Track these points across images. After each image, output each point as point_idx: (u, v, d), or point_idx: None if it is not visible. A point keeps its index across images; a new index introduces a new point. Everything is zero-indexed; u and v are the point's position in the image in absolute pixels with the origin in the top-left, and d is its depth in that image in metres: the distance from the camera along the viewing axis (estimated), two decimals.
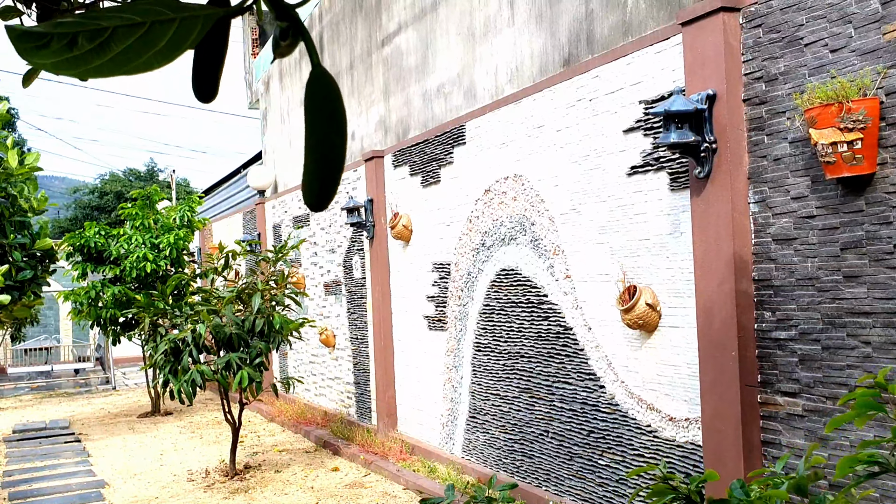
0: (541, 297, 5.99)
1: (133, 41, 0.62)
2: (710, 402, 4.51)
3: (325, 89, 0.74)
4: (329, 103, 0.73)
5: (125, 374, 18.06)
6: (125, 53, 0.62)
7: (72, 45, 0.62)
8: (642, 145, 5.00)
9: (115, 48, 0.62)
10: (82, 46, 0.62)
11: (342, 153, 0.75)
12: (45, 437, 10.61)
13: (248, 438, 9.74)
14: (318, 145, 0.73)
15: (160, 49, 0.63)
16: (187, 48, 0.64)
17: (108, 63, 0.63)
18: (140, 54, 0.63)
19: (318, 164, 0.74)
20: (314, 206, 0.76)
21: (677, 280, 4.78)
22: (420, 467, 7.27)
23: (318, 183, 0.75)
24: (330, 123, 0.73)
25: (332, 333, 10.00)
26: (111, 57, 0.62)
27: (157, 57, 0.63)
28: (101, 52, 0.62)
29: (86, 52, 0.62)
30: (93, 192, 40.46)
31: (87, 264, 11.82)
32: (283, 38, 0.74)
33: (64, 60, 0.62)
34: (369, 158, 8.70)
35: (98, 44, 0.62)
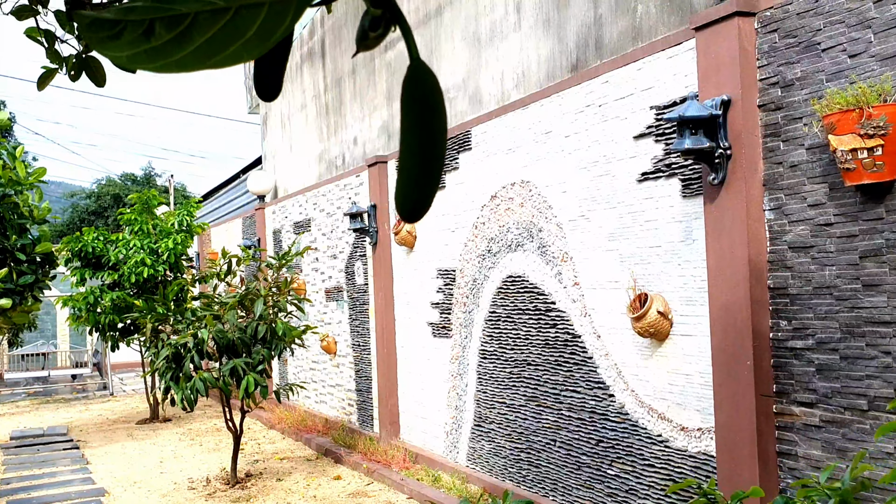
0: (548, 305, 5.92)
1: (217, 30, 0.55)
2: (724, 411, 4.44)
3: (426, 85, 0.67)
4: (430, 101, 0.66)
5: (122, 381, 17.94)
6: (209, 44, 0.55)
7: (148, 34, 0.55)
8: (653, 151, 4.94)
9: (198, 38, 0.55)
10: (160, 36, 0.55)
11: (443, 157, 0.68)
12: (44, 443, 10.50)
13: (249, 446, 9.64)
14: (418, 148, 0.66)
15: (249, 39, 0.56)
16: (279, 37, 0.57)
17: (190, 55, 0.55)
18: (226, 45, 0.56)
19: (418, 168, 0.67)
20: (411, 215, 0.69)
21: (689, 288, 4.71)
22: (424, 476, 7.19)
23: (416, 190, 0.67)
24: (431, 123, 0.66)
25: (333, 340, 9.92)
26: (194, 48, 0.55)
27: (247, 47, 0.56)
28: (182, 43, 0.55)
29: (165, 43, 0.55)
30: (89, 196, 40.32)
31: (85, 270, 11.73)
32: (374, 27, 0.67)
33: (141, 53, 0.55)
34: (372, 164, 8.63)
35: (178, 33, 0.55)
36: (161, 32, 0.55)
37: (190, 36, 0.55)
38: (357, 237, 9.19)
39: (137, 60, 0.55)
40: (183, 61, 0.56)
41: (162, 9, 0.54)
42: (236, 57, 0.56)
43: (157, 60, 0.55)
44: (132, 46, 0.55)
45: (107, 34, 0.54)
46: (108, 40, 0.54)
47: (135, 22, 0.54)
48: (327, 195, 10.06)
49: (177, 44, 0.55)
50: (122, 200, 35.60)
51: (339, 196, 9.71)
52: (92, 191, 40.75)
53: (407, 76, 0.66)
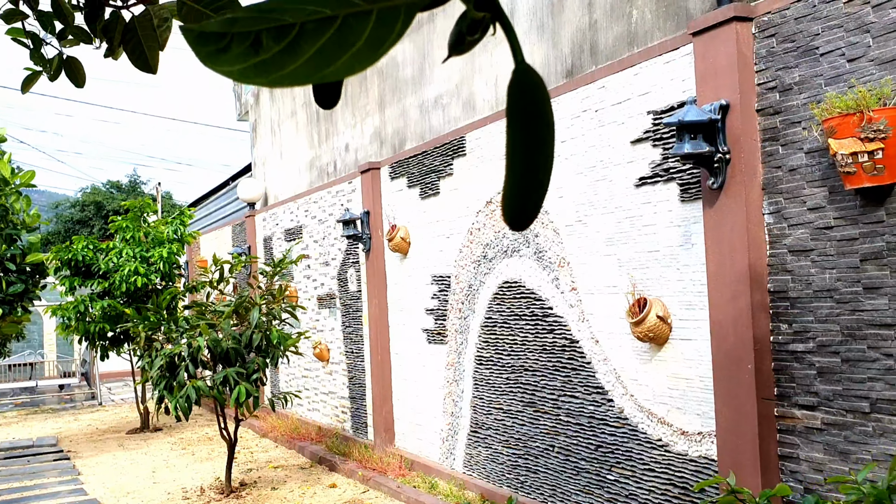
0: (545, 310, 5.92)
1: (326, 40, 0.53)
2: (725, 415, 4.44)
3: (534, 93, 0.65)
4: (538, 109, 0.65)
5: (111, 390, 17.79)
6: (320, 55, 0.53)
7: (256, 46, 0.53)
8: (651, 156, 4.95)
9: (307, 49, 0.53)
10: (268, 48, 0.53)
11: (551, 163, 0.67)
12: (33, 454, 10.39)
13: (242, 455, 9.58)
14: (526, 157, 0.65)
15: (359, 49, 0.54)
16: (389, 47, 0.55)
17: (302, 68, 0.53)
18: (336, 56, 0.54)
19: (526, 176, 0.65)
20: (519, 223, 0.67)
21: (689, 292, 4.72)
22: (420, 483, 7.16)
23: (524, 198, 0.66)
24: (539, 132, 0.65)
25: (326, 347, 9.87)
26: (304, 60, 0.53)
27: (358, 58, 0.54)
28: (292, 55, 0.53)
29: (274, 56, 0.53)
30: (74, 205, 40.03)
31: (75, 278, 11.63)
32: (472, 31, 0.65)
33: (251, 67, 0.53)
34: (365, 170, 8.61)
35: (286, 44, 0.53)
36: (269, 44, 0.53)
37: (299, 47, 0.53)
38: (350, 244, 9.16)
39: (249, 74, 0.54)
40: (295, 74, 0.54)
41: (266, 19, 0.53)
42: (348, 68, 0.54)
43: (269, 74, 0.54)
44: (241, 60, 0.53)
45: (214, 48, 0.53)
46: (217, 54, 0.53)
47: (241, 34, 0.53)
48: (319, 202, 10.03)
49: (287, 56, 0.53)
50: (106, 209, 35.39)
51: (331, 203, 9.68)
52: (77, 199, 40.46)
53: (512, 82, 0.65)
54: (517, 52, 0.65)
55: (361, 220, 8.62)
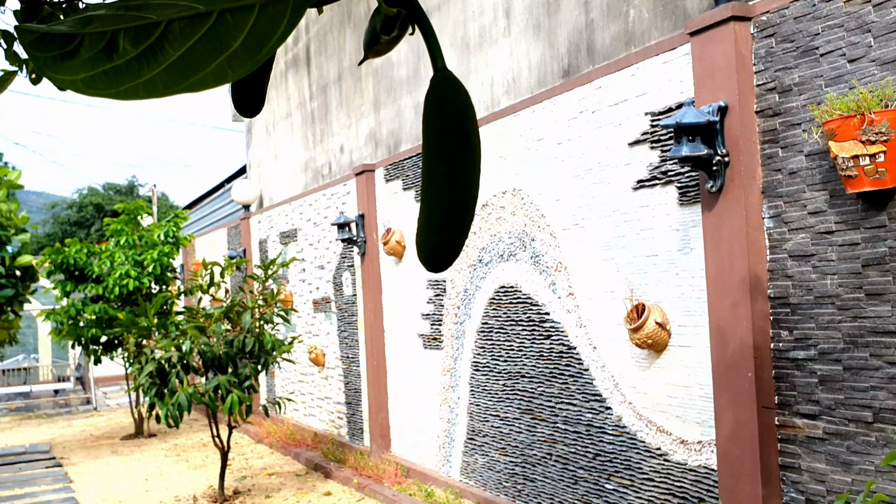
0: (542, 315, 5.82)
1: (195, 41, 0.43)
2: (725, 424, 4.34)
3: (455, 102, 0.54)
4: (460, 122, 0.53)
5: (106, 395, 17.67)
6: (185, 60, 0.43)
7: (110, 50, 0.43)
8: (649, 158, 4.84)
9: (171, 52, 0.43)
10: (125, 52, 0.43)
11: (476, 192, 0.55)
12: (26, 461, 10.28)
13: (236, 461, 9.47)
14: (445, 182, 0.53)
15: (234, 52, 0.43)
16: (270, 50, 0.45)
17: (161, 75, 0.43)
18: (206, 61, 0.43)
19: (444, 208, 0.53)
20: (435, 264, 0.55)
21: (688, 298, 4.62)
22: (416, 491, 7.05)
23: (442, 234, 0.54)
24: (462, 150, 0.53)
25: (321, 352, 9.77)
26: (166, 66, 0.43)
27: (231, 63, 0.44)
28: (152, 60, 0.43)
29: (130, 61, 0.43)
30: (71, 206, 39.93)
31: (68, 282, 11.52)
32: (387, 30, 0.55)
33: (101, 74, 0.43)
34: (360, 172, 8.51)
35: (146, 47, 0.43)
36: (126, 47, 0.43)
37: (161, 50, 0.43)
38: (345, 247, 9.06)
39: (96, 84, 0.43)
40: (152, 84, 0.44)
41: (128, 17, 0.42)
42: (219, 76, 0.44)
43: (121, 83, 0.43)
44: (89, 66, 0.43)
45: (58, 52, 0.42)
46: (60, 60, 0.42)
47: (93, 36, 0.42)
48: (314, 204, 9.92)
49: (145, 61, 0.43)
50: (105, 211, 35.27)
51: (325, 205, 9.57)
52: (73, 201, 40.36)
53: (430, 91, 0.54)
54: (435, 55, 0.54)
55: (356, 223, 8.52)
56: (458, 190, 0.53)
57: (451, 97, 0.53)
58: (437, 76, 0.53)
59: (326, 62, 10.14)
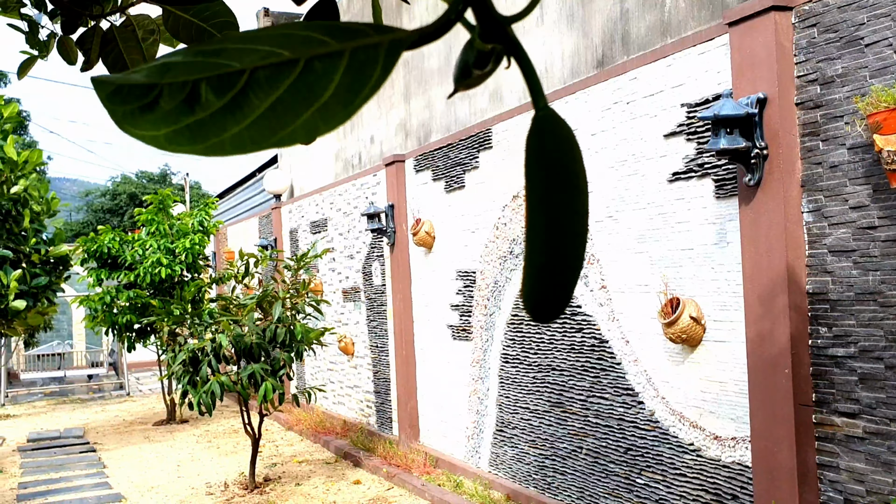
0: (574, 308, 5.77)
1: (282, 92, 0.40)
2: (761, 421, 4.28)
3: (560, 145, 0.50)
4: (566, 168, 0.50)
5: (139, 380, 17.90)
6: (273, 112, 0.40)
7: (192, 102, 0.40)
8: (685, 150, 4.77)
9: (257, 104, 0.40)
10: (208, 104, 0.39)
11: (585, 236, 0.51)
12: (60, 446, 10.45)
13: (267, 448, 9.54)
14: (550, 231, 0.49)
15: (326, 103, 0.40)
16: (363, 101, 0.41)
17: (249, 130, 0.40)
18: (295, 113, 0.40)
19: (551, 258, 0.50)
20: (543, 314, 0.52)
21: (723, 292, 4.54)
22: (445, 481, 7.06)
23: (548, 282, 0.50)
24: (568, 196, 0.50)
25: (350, 341, 9.80)
26: (253, 119, 0.40)
27: (323, 116, 0.41)
28: (238, 113, 0.40)
29: (215, 114, 0.40)
30: (104, 194, 40.42)
31: (101, 270, 11.66)
32: (481, 65, 0.51)
33: (184, 129, 0.40)
34: (390, 163, 8.49)
35: (230, 99, 0.40)
36: (209, 99, 0.40)
37: (247, 101, 0.40)
38: (374, 237, 9.06)
39: (179, 140, 0.40)
40: (239, 139, 0.41)
41: (208, 64, 0.40)
42: (310, 129, 0.41)
43: (206, 139, 0.40)
44: (171, 120, 0.40)
45: (137, 105, 0.40)
46: (140, 113, 0.40)
47: (173, 86, 0.40)
48: (344, 195, 9.94)
49: (230, 114, 0.40)
50: (138, 199, 35.66)
51: (355, 195, 9.58)
52: (107, 188, 40.85)
53: (533, 132, 0.50)
54: (537, 94, 0.50)
55: (386, 213, 8.51)
56: (566, 239, 0.50)
57: (556, 140, 0.50)
58: (540, 116, 0.50)
59: None
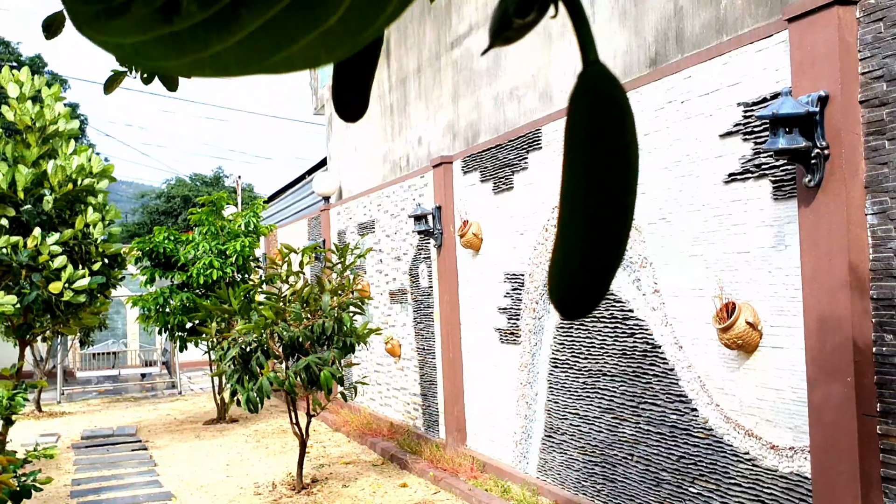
0: (625, 313, 5.65)
1: (280, 10, 0.34)
2: (821, 431, 4.12)
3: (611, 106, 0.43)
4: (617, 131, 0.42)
5: (190, 379, 18.17)
6: (267, 33, 0.34)
7: (169, 10, 0.34)
8: (741, 150, 4.63)
9: (249, 21, 0.34)
10: (188, 15, 0.33)
11: (629, 222, 0.44)
12: (113, 444, 10.62)
13: (314, 449, 9.57)
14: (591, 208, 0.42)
15: (331, 28, 0.34)
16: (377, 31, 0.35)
17: (234, 50, 0.34)
18: (293, 36, 0.34)
19: (589, 240, 0.42)
20: (571, 307, 0.44)
21: (781, 297, 4.39)
22: (493, 486, 6.98)
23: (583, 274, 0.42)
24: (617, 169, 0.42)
25: (397, 343, 9.78)
26: (241, 38, 0.34)
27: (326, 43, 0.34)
28: (224, 30, 0.34)
29: (196, 28, 0.34)
30: (159, 196, 41.18)
31: (155, 270, 11.85)
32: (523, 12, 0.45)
33: (157, 40, 0.34)
34: (437, 164, 8.45)
35: (216, 11, 0.34)
36: (191, 9, 0.34)
37: (236, 18, 0.34)
38: (421, 239, 9.02)
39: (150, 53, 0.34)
40: (222, 59, 0.35)
41: None
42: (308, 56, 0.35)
43: (183, 54, 0.34)
44: (142, 29, 0.34)
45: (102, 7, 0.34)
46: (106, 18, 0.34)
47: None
48: (391, 196, 9.93)
49: (214, 29, 0.34)
50: (192, 201, 36.26)
51: (403, 197, 9.56)
52: (162, 191, 41.61)
53: (579, 89, 0.43)
54: (587, 45, 0.43)
55: (433, 215, 8.47)
56: (609, 219, 0.42)
57: (606, 99, 0.42)
58: (589, 71, 0.43)
59: (406, 54, 10.12)
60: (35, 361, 14.09)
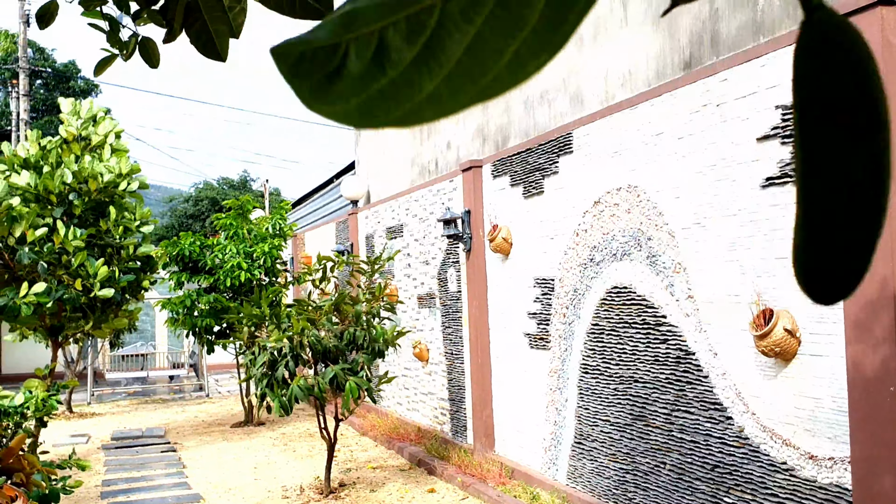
0: (658, 318, 5.57)
1: (482, 25, 0.32)
2: (862, 441, 4.02)
3: (850, 56, 0.38)
4: (860, 85, 0.37)
5: (218, 382, 18.26)
6: (472, 56, 0.32)
7: (381, 57, 0.31)
8: (779, 154, 4.54)
9: (453, 48, 0.32)
10: (399, 58, 0.31)
11: (887, 187, 0.39)
12: (142, 445, 10.69)
13: (341, 453, 9.56)
14: (839, 176, 0.37)
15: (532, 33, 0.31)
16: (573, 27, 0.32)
17: (446, 84, 0.32)
18: (495, 52, 0.32)
19: (839, 212, 0.37)
20: (822, 291, 0.39)
21: (820, 304, 4.29)
22: (521, 493, 6.92)
23: (836, 252, 0.38)
24: (865, 128, 0.37)
25: (425, 347, 9.75)
26: (450, 70, 0.32)
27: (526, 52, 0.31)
28: (432, 63, 0.32)
29: (407, 70, 0.32)
30: (187, 200, 41.55)
31: (183, 273, 11.93)
32: None
33: (376, 96, 0.31)
34: (467, 168, 8.41)
35: (423, 45, 0.32)
36: (399, 48, 0.30)
37: (440, 45, 0.31)
38: (450, 243, 8.99)
39: (373, 111, 0.32)
40: (437, 98, 0.31)
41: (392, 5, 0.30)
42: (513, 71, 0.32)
43: (400, 103, 0.31)
44: (360, 86, 0.31)
45: (322, 74, 0.31)
46: (327, 84, 0.31)
47: (360, 40, 0.30)
48: (420, 200, 9.90)
49: (424, 67, 0.31)
50: (220, 205, 36.55)
51: (431, 201, 9.53)
52: (190, 195, 41.99)
53: (804, 44, 0.38)
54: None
55: (462, 219, 8.43)
56: (862, 187, 0.37)
57: (841, 54, 0.37)
58: (815, 20, 0.37)
59: None
60: (66, 362, 14.24)
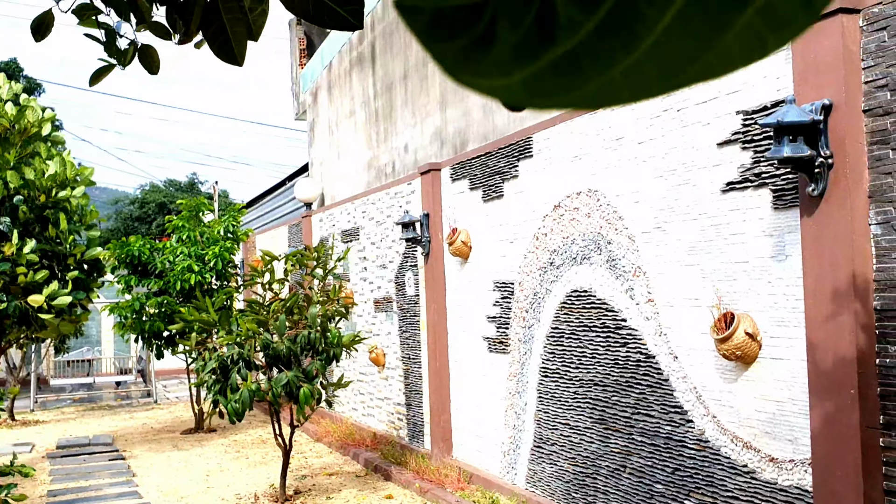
0: (618, 322, 5.58)
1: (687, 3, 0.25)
2: (822, 443, 4.07)
3: None
4: None
5: (166, 388, 17.88)
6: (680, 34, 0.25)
7: (546, 23, 0.25)
8: (740, 159, 4.58)
9: (655, 16, 0.25)
10: (571, 24, 0.25)
11: None
12: (89, 453, 10.38)
13: (295, 459, 9.40)
14: None
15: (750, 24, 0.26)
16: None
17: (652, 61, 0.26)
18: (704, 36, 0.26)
19: None
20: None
21: (781, 307, 4.35)
22: (480, 498, 6.87)
23: None
24: None
25: (381, 352, 9.65)
26: (653, 41, 0.25)
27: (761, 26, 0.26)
28: (625, 34, 0.25)
29: (589, 40, 0.25)
30: (133, 202, 40.73)
31: (131, 277, 11.63)
32: None
33: (546, 70, 0.25)
34: (425, 171, 8.36)
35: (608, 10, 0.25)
36: (570, 14, 0.25)
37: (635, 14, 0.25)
38: (408, 247, 8.92)
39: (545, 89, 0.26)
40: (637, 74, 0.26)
41: None
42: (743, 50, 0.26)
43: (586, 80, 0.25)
44: (524, 60, 0.25)
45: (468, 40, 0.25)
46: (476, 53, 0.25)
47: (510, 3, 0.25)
48: (377, 203, 9.82)
49: (614, 38, 0.25)
50: (167, 207, 35.88)
51: (389, 204, 9.45)
52: (136, 197, 41.17)
53: None
54: None
55: (421, 222, 8.38)
56: None
57: None
58: None
59: (392, 60, 10.03)
60: (8, 368, 13.79)
